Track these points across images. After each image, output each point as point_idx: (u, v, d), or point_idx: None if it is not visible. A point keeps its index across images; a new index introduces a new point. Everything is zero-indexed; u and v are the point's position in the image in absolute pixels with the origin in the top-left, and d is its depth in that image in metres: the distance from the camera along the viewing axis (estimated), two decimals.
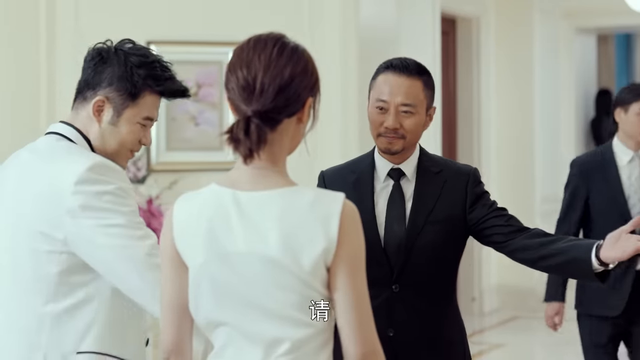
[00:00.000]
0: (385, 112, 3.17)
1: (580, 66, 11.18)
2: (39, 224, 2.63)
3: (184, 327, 2.33)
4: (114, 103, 2.74)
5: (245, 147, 2.24)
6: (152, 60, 2.77)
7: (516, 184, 10.10)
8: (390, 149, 3.20)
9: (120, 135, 2.77)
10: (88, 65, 2.77)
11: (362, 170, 3.28)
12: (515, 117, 10.11)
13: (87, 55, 2.80)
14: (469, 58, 9.84)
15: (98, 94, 2.74)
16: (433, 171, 3.27)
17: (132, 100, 2.75)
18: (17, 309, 2.67)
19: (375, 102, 3.19)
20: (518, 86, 10.11)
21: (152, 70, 2.76)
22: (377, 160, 3.28)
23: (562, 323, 5.11)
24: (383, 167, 3.26)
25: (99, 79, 2.74)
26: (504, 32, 10.05)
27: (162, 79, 2.77)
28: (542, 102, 10.32)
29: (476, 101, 9.91)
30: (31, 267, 2.65)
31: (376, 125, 3.20)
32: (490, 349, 8.38)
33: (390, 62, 3.23)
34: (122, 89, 2.73)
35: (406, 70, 3.19)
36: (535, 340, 8.94)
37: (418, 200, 3.22)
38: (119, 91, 2.73)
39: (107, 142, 2.77)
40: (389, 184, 3.25)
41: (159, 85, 2.77)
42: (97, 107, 2.74)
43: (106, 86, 2.73)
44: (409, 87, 3.18)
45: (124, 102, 2.75)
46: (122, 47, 2.77)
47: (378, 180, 3.26)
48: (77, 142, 2.75)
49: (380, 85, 3.20)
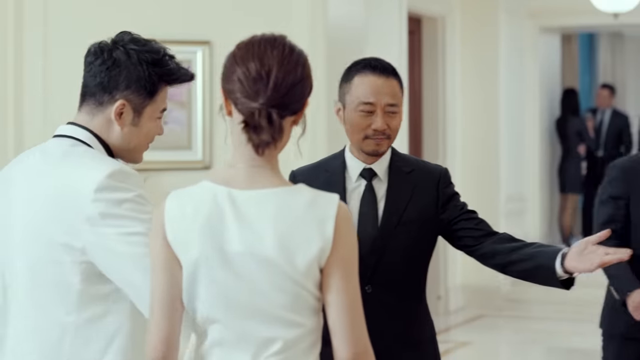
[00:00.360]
0: (372, 114, 3.16)
1: (545, 66, 11.24)
2: (57, 234, 2.57)
3: (176, 323, 2.32)
4: (133, 104, 2.69)
5: (269, 134, 2.25)
6: (162, 54, 2.72)
7: (481, 183, 10.14)
8: (378, 150, 3.20)
9: (142, 133, 2.74)
10: (98, 68, 2.70)
11: (333, 170, 3.27)
12: (481, 117, 10.15)
13: (91, 56, 2.72)
14: (435, 57, 9.87)
15: (117, 98, 2.68)
16: (405, 171, 3.28)
17: (151, 97, 2.71)
18: (38, 320, 2.62)
19: (360, 105, 3.17)
20: (483, 86, 10.16)
21: (165, 65, 2.72)
22: (349, 160, 3.27)
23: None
24: (355, 167, 3.26)
25: (115, 83, 2.68)
26: (470, 32, 10.09)
27: (175, 72, 2.74)
28: (507, 102, 10.37)
29: (441, 100, 9.94)
30: (52, 277, 2.59)
31: (362, 127, 3.18)
32: (457, 347, 8.42)
33: (366, 63, 3.21)
34: (141, 89, 2.69)
35: (386, 70, 3.19)
36: (500, 339, 8.99)
37: (390, 200, 3.23)
38: (138, 92, 2.69)
39: (130, 141, 2.73)
40: (361, 184, 3.25)
41: (175, 78, 2.75)
42: (119, 111, 2.69)
43: (124, 89, 2.68)
44: (392, 87, 3.19)
45: (143, 102, 2.71)
46: (129, 46, 2.71)
47: (350, 180, 3.26)
48: (94, 146, 2.69)
49: (361, 87, 3.18)
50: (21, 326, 2.66)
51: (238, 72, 2.27)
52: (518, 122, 10.67)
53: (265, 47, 2.29)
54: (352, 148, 3.28)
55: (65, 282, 2.58)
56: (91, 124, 2.71)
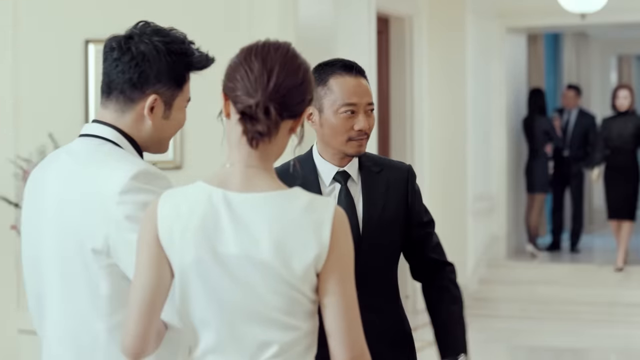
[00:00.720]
0: (355, 115, 3.15)
1: (511, 66, 11.30)
2: (86, 239, 2.54)
3: (153, 321, 2.31)
4: (164, 97, 2.65)
5: (265, 125, 2.25)
6: (186, 45, 2.68)
7: (449, 182, 10.19)
8: (360, 151, 3.19)
9: (172, 125, 2.70)
10: (126, 64, 2.63)
11: (305, 175, 3.22)
12: (448, 116, 10.20)
13: (115, 51, 2.65)
14: (402, 57, 9.90)
15: (148, 93, 2.64)
16: (374, 171, 3.27)
17: (180, 88, 2.68)
18: (72, 325, 2.60)
19: (342, 107, 3.14)
20: (450, 86, 10.20)
21: (190, 55, 2.68)
22: (319, 164, 3.23)
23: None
24: (327, 171, 3.22)
25: (145, 78, 2.63)
26: (437, 32, 10.13)
27: (200, 59, 2.70)
28: (475, 101, 10.43)
29: (409, 100, 9.97)
30: (83, 282, 2.57)
31: (346, 129, 3.15)
32: (425, 347, 8.44)
33: (340, 64, 3.20)
34: (171, 81, 2.65)
35: (360, 71, 3.19)
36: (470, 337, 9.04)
37: (368, 201, 3.23)
38: (168, 84, 2.65)
39: (161, 134, 2.69)
40: (335, 187, 3.23)
41: (201, 66, 2.71)
42: (151, 106, 2.65)
43: (155, 83, 2.63)
44: (367, 86, 3.20)
45: (173, 93, 2.67)
46: (154, 38, 2.65)
47: (323, 184, 3.23)
48: (122, 145, 2.65)
49: (340, 88, 3.15)
50: (56, 331, 2.64)
51: (241, 71, 2.28)
52: (485, 122, 10.73)
53: (268, 49, 2.31)
54: (323, 151, 3.23)
55: (95, 287, 2.56)
56: (120, 122, 2.67)
